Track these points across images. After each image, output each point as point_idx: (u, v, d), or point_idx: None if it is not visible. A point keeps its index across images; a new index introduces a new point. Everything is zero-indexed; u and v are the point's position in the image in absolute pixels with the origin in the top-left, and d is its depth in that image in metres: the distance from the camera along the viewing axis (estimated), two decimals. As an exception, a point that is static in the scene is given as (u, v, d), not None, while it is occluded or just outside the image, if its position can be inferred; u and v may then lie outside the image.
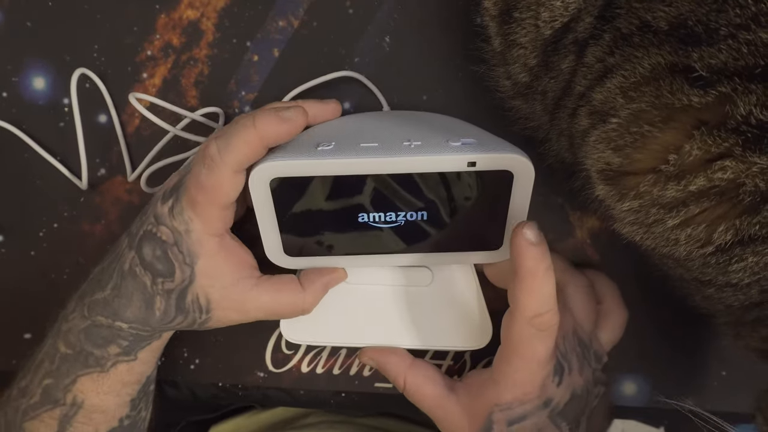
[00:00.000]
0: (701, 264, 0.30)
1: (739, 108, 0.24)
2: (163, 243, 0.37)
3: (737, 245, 0.28)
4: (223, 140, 0.35)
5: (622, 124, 0.28)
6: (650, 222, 0.29)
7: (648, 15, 0.27)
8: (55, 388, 0.39)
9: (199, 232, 0.37)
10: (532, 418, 0.36)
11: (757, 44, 0.24)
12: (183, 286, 0.37)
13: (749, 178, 0.25)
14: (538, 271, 0.33)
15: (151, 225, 0.37)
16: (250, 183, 0.35)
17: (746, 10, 0.24)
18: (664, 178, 0.28)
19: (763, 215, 0.26)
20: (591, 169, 0.31)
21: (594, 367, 0.39)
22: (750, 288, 0.30)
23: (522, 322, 0.34)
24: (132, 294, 0.38)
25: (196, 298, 0.38)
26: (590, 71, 0.30)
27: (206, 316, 0.39)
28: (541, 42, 0.31)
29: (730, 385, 0.45)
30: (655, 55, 0.27)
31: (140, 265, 0.37)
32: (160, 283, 0.37)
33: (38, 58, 0.43)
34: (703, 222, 0.28)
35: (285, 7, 0.42)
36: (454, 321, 0.40)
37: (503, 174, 0.34)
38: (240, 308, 0.38)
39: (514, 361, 0.35)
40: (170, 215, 0.37)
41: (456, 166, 0.34)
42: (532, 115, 0.37)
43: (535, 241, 0.33)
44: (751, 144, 0.25)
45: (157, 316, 0.38)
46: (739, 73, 0.24)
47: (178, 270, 0.37)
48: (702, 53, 0.25)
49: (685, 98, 0.26)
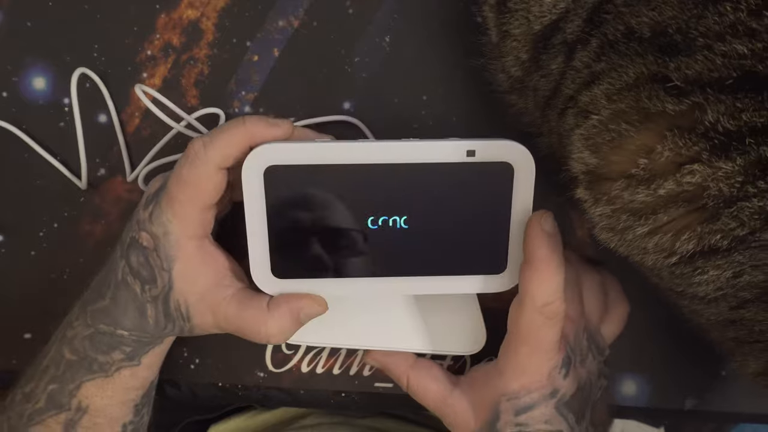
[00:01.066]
0: (669, 274, 0.31)
1: (708, 115, 0.26)
2: (144, 249, 0.37)
3: (699, 257, 0.29)
4: (209, 136, 0.35)
5: (603, 121, 0.29)
6: (621, 228, 0.30)
7: (633, 20, 0.28)
8: (60, 393, 0.39)
9: (177, 234, 0.36)
10: (539, 407, 0.36)
11: (731, 56, 0.25)
12: (165, 292, 0.37)
13: (714, 182, 0.26)
14: (552, 261, 0.34)
15: (134, 231, 0.37)
16: (244, 170, 0.34)
17: (725, 17, 0.25)
18: (635, 182, 0.28)
19: (723, 222, 0.27)
20: (573, 171, 0.31)
21: (598, 360, 0.40)
22: (719, 303, 0.31)
23: (532, 310, 0.35)
24: (127, 303, 0.38)
25: (177, 305, 0.38)
26: (578, 75, 0.31)
27: (189, 323, 0.38)
28: (532, 37, 0.32)
29: (730, 385, 0.45)
30: (639, 65, 0.28)
31: (130, 274, 0.37)
32: (147, 291, 0.37)
33: (38, 58, 0.43)
34: (669, 231, 0.29)
35: (285, 7, 0.42)
36: (449, 326, 0.41)
37: (503, 170, 0.34)
38: (213, 316, 0.38)
39: (521, 350, 0.36)
40: (150, 220, 0.37)
41: (455, 155, 0.34)
42: (526, 110, 0.37)
43: (550, 231, 0.35)
44: (717, 150, 0.26)
45: (151, 323, 0.38)
46: (711, 84, 0.25)
47: (158, 276, 0.37)
48: (679, 63, 0.26)
49: (660, 105, 0.27)
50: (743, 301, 0.30)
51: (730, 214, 0.27)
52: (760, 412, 0.45)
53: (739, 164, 0.26)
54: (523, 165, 0.34)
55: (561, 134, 0.33)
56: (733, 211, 0.26)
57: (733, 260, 0.28)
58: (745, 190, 0.26)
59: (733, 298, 0.30)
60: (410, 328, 0.41)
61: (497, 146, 0.34)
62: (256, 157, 0.34)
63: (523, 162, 0.34)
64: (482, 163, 0.34)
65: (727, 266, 0.28)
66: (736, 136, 0.25)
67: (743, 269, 0.28)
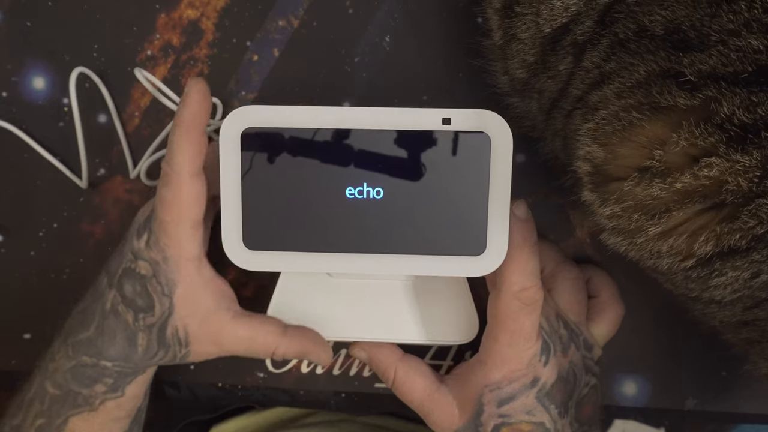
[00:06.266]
0: (684, 278, 0.30)
1: (724, 107, 0.25)
2: (142, 278, 0.37)
3: (717, 258, 0.28)
4: (166, 154, 0.36)
5: (612, 113, 0.29)
6: (632, 229, 0.29)
7: (645, 19, 0.27)
8: (48, 428, 0.39)
9: (175, 258, 0.37)
10: (521, 397, 0.36)
11: (746, 51, 0.25)
12: (163, 318, 0.38)
13: (732, 176, 0.26)
14: (525, 246, 0.35)
15: (129, 261, 0.38)
16: (221, 134, 0.34)
17: (740, 15, 0.25)
18: (650, 175, 0.28)
19: (743, 220, 0.26)
20: (579, 172, 0.31)
21: (584, 355, 0.40)
22: (734, 305, 0.31)
23: (508, 296, 0.35)
24: (115, 332, 0.38)
25: (175, 331, 0.38)
26: (588, 76, 0.30)
27: (186, 350, 0.39)
28: (541, 39, 0.32)
29: (731, 385, 0.45)
30: (650, 62, 0.27)
31: (122, 303, 0.38)
32: (141, 319, 0.38)
33: (38, 58, 0.43)
34: (685, 232, 0.28)
35: (285, 7, 0.42)
36: (441, 315, 0.40)
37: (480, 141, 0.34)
38: (216, 341, 0.39)
39: (501, 337, 0.36)
40: (146, 248, 0.37)
41: (431, 122, 0.34)
42: (527, 114, 0.37)
43: (524, 218, 0.36)
44: (734, 143, 0.25)
45: (140, 352, 0.38)
46: (725, 77, 0.25)
47: (158, 303, 0.37)
48: (693, 59, 0.26)
49: (672, 99, 0.26)
50: (759, 300, 0.29)
51: (749, 212, 0.26)
52: (760, 413, 0.45)
53: (756, 158, 0.25)
54: (501, 136, 0.34)
55: (567, 136, 0.33)
56: (752, 208, 0.26)
57: (752, 260, 0.27)
58: (763, 185, 0.25)
59: (749, 299, 0.29)
60: (402, 318, 0.40)
61: (474, 115, 0.34)
62: (233, 119, 0.34)
63: (501, 133, 0.34)
64: (458, 132, 0.34)
65: (746, 267, 0.28)
66: (752, 129, 0.25)
67: (761, 268, 0.27)
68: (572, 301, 0.40)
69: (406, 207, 0.35)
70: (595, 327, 0.41)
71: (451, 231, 0.36)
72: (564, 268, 0.41)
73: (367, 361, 0.41)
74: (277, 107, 0.35)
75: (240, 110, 0.34)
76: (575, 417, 0.38)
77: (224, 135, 0.34)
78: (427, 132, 0.34)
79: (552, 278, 0.41)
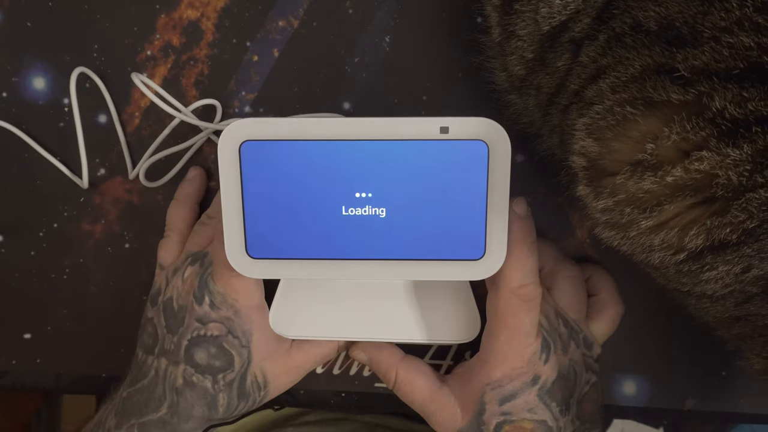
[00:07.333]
0: (675, 272, 0.30)
1: (716, 102, 0.26)
2: (216, 338, 0.38)
3: (708, 252, 0.28)
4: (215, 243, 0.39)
5: (607, 108, 0.29)
6: (625, 223, 0.30)
7: (640, 14, 0.28)
8: None
9: (246, 309, 0.39)
10: (522, 395, 0.37)
11: (738, 47, 0.25)
12: (242, 370, 0.39)
13: (723, 170, 0.26)
14: (524, 243, 0.36)
15: (197, 330, 0.39)
16: (220, 146, 0.35)
17: (731, 13, 0.25)
18: (642, 169, 0.28)
19: (732, 214, 0.27)
20: (574, 166, 0.31)
21: (584, 353, 0.40)
22: (726, 300, 0.31)
23: (507, 293, 0.36)
24: (193, 405, 0.39)
25: (254, 378, 0.39)
26: (584, 70, 0.31)
27: (265, 391, 0.40)
28: (539, 37, 0.32)
29: (730, 385, 0.45)
30: (645, 57, 0.28)
31: (196, 373, 0.39)
32: (221, 379, 0.39)
33: (38, 58, 0.43)
34: (676, 226, 0.28)
35: (285, 7, 0.42)
36: (443, 314, 0.40)
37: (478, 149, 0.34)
38: (288, 370, 0.41)
39: (501, 334, 0.36)
40: (213, 309, 0.38)
41: (429, 132, 0.34)
42: (525, 110, 0.37)
43: (523, 215, 0.36)
44: (725, 137, 0.26)
45: (221, 412, 0.39)
46: (718, 73, 0.26)
47: (236, 356, 0.39)
48: (686, 54, 0.26)
49: (665, 94, 0.27)
50: (750, 295, 0.30)
51: (739, 206, 0.26)
52: (760, 413, 0.45)
53: (746, 152, 0.25)
54: (499, 144, 0.34)
55: (563, 131, 0.33)
56: (741, 202, 0.26)
57: (743, 254, 0.28)
58: (753, 179, 0.26)
59: (740, 294, 0.30)
60: (404, 318, 0.40)
61: (471, 123, 0.34)
62: (230, 133, 0.34)
63: (499, 141, 0.34)
64: (456, 141, 0.34)
65: (737, 261, 0.28)
66: (743, 124, 0.25)
67: (751, 263, 0.28)
68: (572, 300, 0.40)
69: (405, 214, 0.36)
70: (594, 325, 0.41)
71: (450, 237, 0.36)
72: (563, 266, 0.41)
73: (367, 363, 0.41)
74: (273, 119, 0.35)
75: (237, 123, 0.34)
76: (576, 415, 0.39)
77: (223, 147, 0.35)
78: (425, 141, 0.34)
79: (551, 277, 0.41)
